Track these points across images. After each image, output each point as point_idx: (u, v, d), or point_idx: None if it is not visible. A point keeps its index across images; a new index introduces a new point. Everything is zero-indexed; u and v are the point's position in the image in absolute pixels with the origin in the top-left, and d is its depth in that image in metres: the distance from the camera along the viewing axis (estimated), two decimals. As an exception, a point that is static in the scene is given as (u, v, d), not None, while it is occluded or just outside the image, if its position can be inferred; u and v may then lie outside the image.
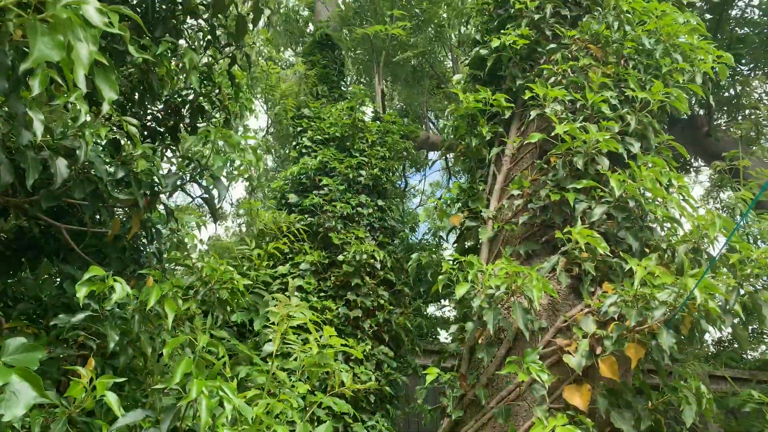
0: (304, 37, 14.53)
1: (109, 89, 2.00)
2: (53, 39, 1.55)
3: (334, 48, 11.77)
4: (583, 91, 4.76)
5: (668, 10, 4.93)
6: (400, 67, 13.46)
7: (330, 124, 9.14)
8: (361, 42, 12.48)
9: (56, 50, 1.55)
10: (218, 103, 6.00)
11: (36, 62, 1.49)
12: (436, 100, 14.42)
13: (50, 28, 1.59)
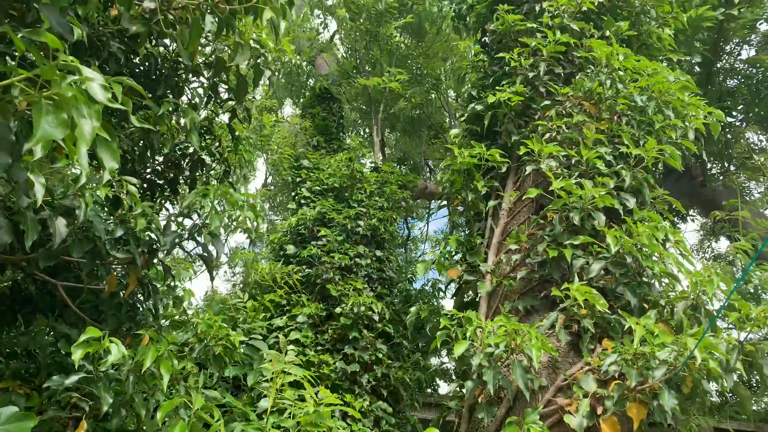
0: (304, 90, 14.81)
1: (110, 158, 2.03)
2: (57, 117, 1.59)
3: (333, 101, 12.00)
4: (577, 147, 4.83)
5: (658, 68, 5.05)
6: (397, 118, 13.68)
7: (329, 174, 9.23)
8: (360, 94, 12.73)
9: (60, 128, 1.58)
10: (218, 156, 6.07)
11: (39, 141, 1.52)
12: (433, 149, 14.60)
13: (55, 106, 1.63)
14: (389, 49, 12.22)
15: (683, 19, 6.28)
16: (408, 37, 12.81)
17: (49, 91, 1.68)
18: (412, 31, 12.62)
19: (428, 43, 12.54)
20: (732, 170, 10.22)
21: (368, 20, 11.40)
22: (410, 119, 13.91)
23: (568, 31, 5.66)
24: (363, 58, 12.65)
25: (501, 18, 6.01)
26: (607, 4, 6.15)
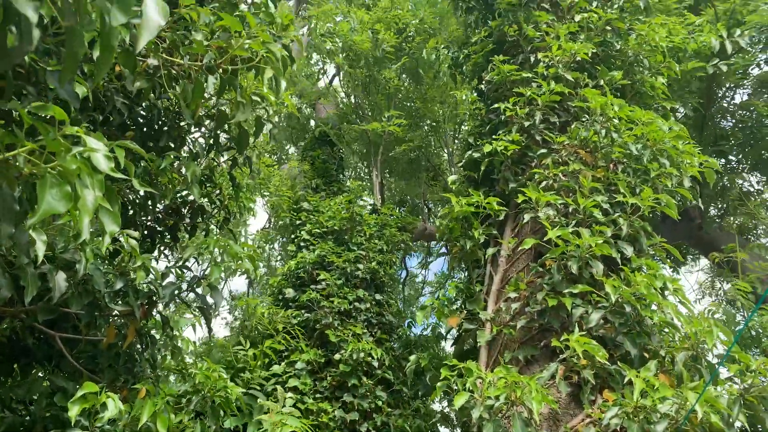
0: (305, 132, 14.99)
1: (111, 222, 2.06)
2: (61, 190, 1.63)
3: (333, 144, 12.15)
4: (574, 195, 4.88)
5: (652, 117, 5.15)
6: (397, 160, 13.81)
7: (329, 217, 9.27)
8: (360, 137, 12.90)
9: (63, 201, 1.62)
10: (218, 203, 6.12)
11: (43, 216, 1.55)
12: (433, 191, 14.69)
13: (58, 178, 1.67)
14: (388, 93, 12.44)
15: (676, 69, 6.41)
16: (406, 80, 13.05)
17: (54, 163, 1.72)
18: (410, 75, 12.86)
19: (426, 86, 12.76)
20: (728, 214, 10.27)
21: (366, 66, 11.63)
22: (409, 161, 14.05)
23: (562, 81, 5.78)
24: (362, 101, 12.86)
25: (496, 68, 6.15)
26: (601, 54, 6.30)
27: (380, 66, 11.77)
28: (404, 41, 12.01)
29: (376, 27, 11.33)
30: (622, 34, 6.38)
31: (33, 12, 1.25)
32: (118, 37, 1.54)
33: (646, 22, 6.71)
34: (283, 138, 14.91)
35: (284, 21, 3.66)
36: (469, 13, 7.87)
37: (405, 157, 13.49)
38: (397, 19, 11.89)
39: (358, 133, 12.38)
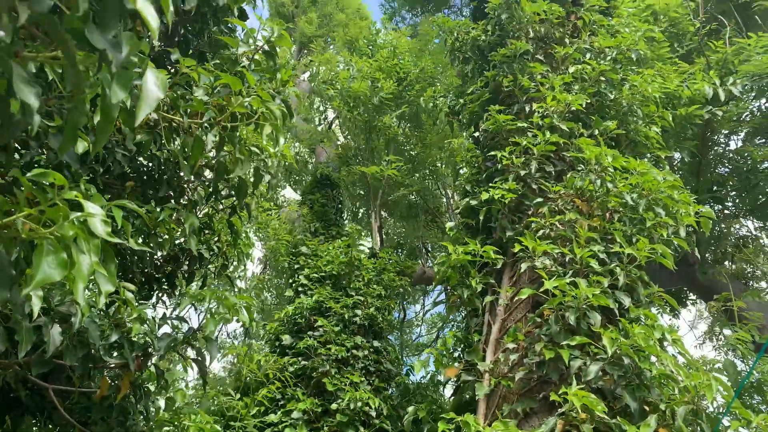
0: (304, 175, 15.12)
1: (107, 282, 2.07)
2: (57, 257, 1.64)
3: (332, 187, 12.23)
4: (571, 245, 4.89)
5: (646, 168, 5.21)
6: (396, 204, 13.89)
7: (327, 261, 9.27)
8: (359, 180, 13.01)
9: (59, 269, 1.63)
10: (217, 250, 6.14)
11: (38, 285, 1.57)
12: (431, 234, 14.72)
13: (55, 245, 1.69)
14: (387, 138, 12.60)
15: (669, 119, 6.52)
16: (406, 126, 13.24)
17: (51, 228, 1.74)
18: (409, 120, 13.06)
19: (425, 132, 12.94)
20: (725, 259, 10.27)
21: (366, 112, 11.81)
22: (408, 204, 14.13)
23: (557, 131, 5.87)
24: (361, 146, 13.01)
25: (492, 117, 6.25)
26: (595, 104, 6.42)
27: (379, 112, 11.96)
28: (404, 89, 12.24)
29: (376, 75, 11.56)
30: (615, 84, 6.51)
31: (35, 99, 1.29)
32: (118, 107, 1.59)
33: (639, 72, 6.86)
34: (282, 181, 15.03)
35: (284, 77, 3.75)
36: (466, 64, 8.04)
37: (404, 200, 13.58)
38: (398, 68, 12.14)
39: (357, 177, 12.49)
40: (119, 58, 1.40)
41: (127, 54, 1.42)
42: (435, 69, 12.77)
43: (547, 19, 7.02)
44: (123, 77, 1.43)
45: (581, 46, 6.83)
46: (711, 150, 10.53)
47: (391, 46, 12.55)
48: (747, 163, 10.39)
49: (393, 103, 11.99)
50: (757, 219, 11.07)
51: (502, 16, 7.00)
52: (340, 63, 12.41)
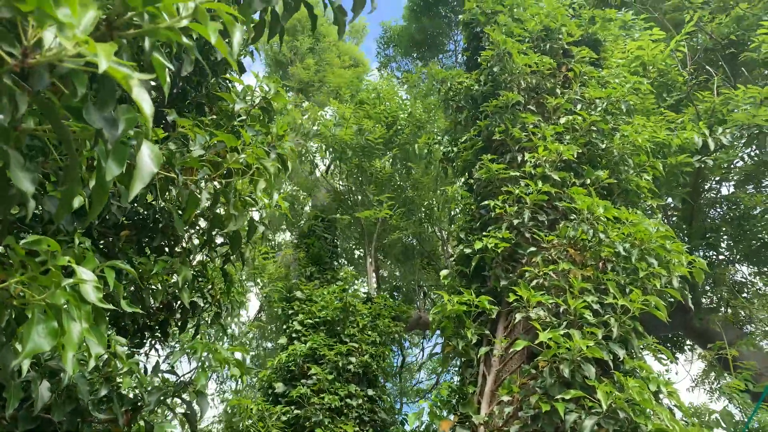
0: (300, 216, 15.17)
1: (97, 345, 2.06)
2: (47, 326, 1.65)
3: (328, 230, 12.26)
4: (565, 295, 4.90)
5: (637, 219, 5.26)
6: (391, 246, 13.91)
7: (321, 307, 9.22)
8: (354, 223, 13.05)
9: (49, 338, 1.64)
10: (210, 299, 6.11)
11: (28, 356, 1.57)
12: (428, 277, 14.69)
13: (46, 312, 1.69)
14: (379, 182, 12.71)
15: (660, 168, 6.61)
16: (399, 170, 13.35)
17: (43, 295, 1.76)
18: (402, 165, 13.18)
19: (418, 176, 13.06)
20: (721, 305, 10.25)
21: (355, 156, 11.93)
22: (403, 247, 14.14)
23: (549, 181, 5.95)
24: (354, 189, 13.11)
25: (485, 166, 6.33)
26: (586, 153, 6.51)
27: (369, 157, 12.08)
28: (395, 134, 12.40)
29: (363, 122, 11.73)
30: (606, 134, 6.62)
31: (30, 185, 1.32)
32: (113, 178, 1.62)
33: (629, 122, 6.99)
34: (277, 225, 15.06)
35: (279, 131, 3.82)
36: (459, 112, 8.18)
37: (399, 243, 13.60)
38: (386, 113, 12.32)
39: (352, 219, 12.53)
40: (115, 135, 1.44)
41: (123, 131, 1.46)
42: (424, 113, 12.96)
43: (538, 70, 7.18)
44: (119, 153, 1.47)
45: (572, 96, 6.98)
46: (703, 196, 10.65)
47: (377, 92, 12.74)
48: (739, 209, 10.49)
49: (383, 147, 12.12)
50: (752, 264, 11.11)
51: (494, 68, 7.16)
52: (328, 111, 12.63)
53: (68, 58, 1.17)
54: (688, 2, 10.75)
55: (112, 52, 1.14)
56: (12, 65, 1.14)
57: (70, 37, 1.07)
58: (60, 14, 1.07)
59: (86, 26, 1.19)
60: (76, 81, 1.26)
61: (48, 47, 1.19)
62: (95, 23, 1.24)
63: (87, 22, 1.20)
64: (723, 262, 10.71)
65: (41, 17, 1.09)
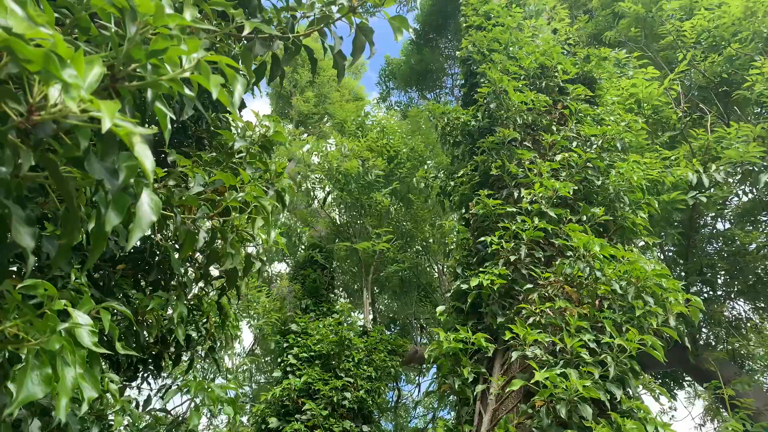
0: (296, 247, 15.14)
1: (91, 389, 2.05)
2: (41, 373, 1.64)
3: (324, 262, 12.23)
4: (561, 333, 4.88)
5: (633, 258, 5.27)
6: (388, 279, 13.87)
7: (316, 340, 9.15)
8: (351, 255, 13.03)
9: (42, 386, 1.63)
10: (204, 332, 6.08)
11: (20, 404, 1.56)
12: (424, 310, 14.62)
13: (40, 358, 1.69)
14: (378, 214, 12.74)
15: (655, 205, 6.66)
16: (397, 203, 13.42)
17: (38, 340, 1.75)
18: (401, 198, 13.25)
19: (416, 209, 13.11)
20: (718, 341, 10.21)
21: (357, 189, 12.00)
22: (400, 280, 14.11)
23: (546, 217, 5.98)
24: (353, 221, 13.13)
25: (482, 202, 6.37)
26: (582, 190, 6.56)
27: (370, 189, 12.15)
28: (395, 167, 12.50)
29: (366, 155, 11.83)
30: (602, 171, 6.68)
31: (30, 240, 1.34)
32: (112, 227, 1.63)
33: (624, 159, 7.06)
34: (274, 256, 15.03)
35: (278, 169, 3.86)
36: (456, 147, 8.26)
37: (396, 276, 13.57)
38: (388, 147, 12.45)
39: (349, 252, 12.52)
40: (116, 185, 1.46)
41: (124, 180, 1.48)
42: (425, 148, 13.10)
43: (534, 107, 7.28)
44: (119, 202, 1.49)
45: (568, 134, 7.06)
46: (699, 232, 10.69)
47: (380, 127, 12.91)
48: (735, 245, 10.52)
49: (384, 180, 12.21)
50: (748, 300, 11.10)
51: (490, 105, 7.26)
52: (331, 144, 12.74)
53: (72, 114, 1.19)
54: (680, 41, 10.97)
55: (116, 110, 1.17)
56: (17, 122, 1.17)
57: (76, 97, 1.10)
58: (66, 75, 1.10)
59: (91, 83, 1.22)
60: (79, 134, 1.28)
61: (53, 103, 1.21)
62: (100, 79, 1.26)
63: (92, 80, 1.23)
64: (720, 298, 10.70)
65: (47, 77, 1.12)
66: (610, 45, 12.75)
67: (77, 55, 1.15)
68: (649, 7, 11.95)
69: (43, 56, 1.08)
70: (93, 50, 1.72)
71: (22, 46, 1.07)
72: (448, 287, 10.56)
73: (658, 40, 11.82)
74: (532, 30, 9.62)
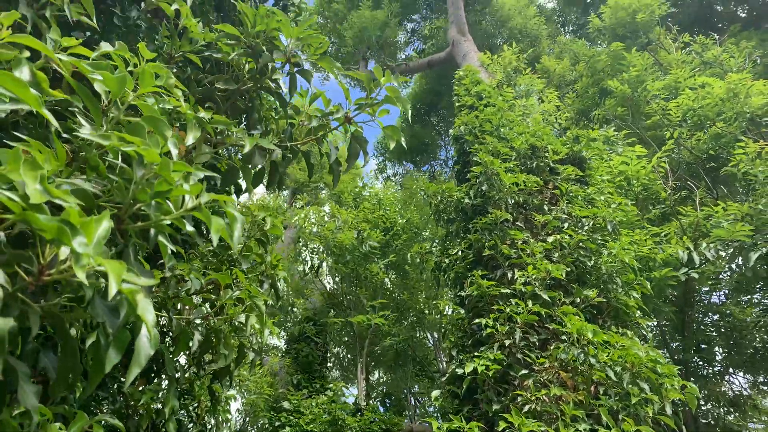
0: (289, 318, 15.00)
1: None
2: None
3: (318, 335, 12.11)
4: (557, 423, 4.82)
5: (627, 344, 5.28)
6: (383, 352, 13.69)
7: (309, 420, 8.95)
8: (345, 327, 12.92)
9: None
10: (195, 416, 5.98)
11: None
12: (420, 384, 14.37)
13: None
14: (374, 286, 12.72)
15: (648, 286, 6.71)
16: (392, 274, 13.42)
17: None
18: (396, 269, 13.26)
19: (411, 281, 13.10)
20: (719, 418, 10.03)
21: (353, 261, 12.03)
22: (395, 352, 13.93)
23: (539, 300, 6.01)
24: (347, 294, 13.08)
25: (476, 283, 6.41)
26: (575, 270, 6.62)
27: (366, 261, 12.19)
28: (391, 238, 12.59)
29: (362, 226, 11.94)
30: (594, 251, 6.77)
31: (34, 400, 1.37)
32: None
33: (616, 239, 7.16)
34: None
35: (273, 261, 3.91)
36: (450, 224, 8.38)
37: (391, 349, 13.40)
38: (384, 218, 12.59)
39: (343, 323, 12.42)
40: (116, 323, 1.50)
41: (124, 318, 1.53)
42: (420, 219, 13.24)
43: (525, 188, 7.45)
44: (119, 341, 1.53)
45: (559, 214, 7.19)
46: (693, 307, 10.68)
47: (376, 198, 13.11)
48: (731, 319, 10.50)
49: (380, 251, 12.26)
50: (746, 373, 10.98)
51: (482, 186, 7.42)
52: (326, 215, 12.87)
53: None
54: (666, 120, 11.34)
55: (123, 272, 1.23)
56: (28, 282, 1.23)
57: (85, 265, 1.16)
58: (76, 244, 1.17)
59: (99, 239, 1.29)
60: (86, 288, 1.34)
61: (62, 263, 1.28)
62: (108, 234, 1.33)
63: (101, 235, 1.29)
64: (717, 374, 10.59)
65: (59, 243, 1.19)
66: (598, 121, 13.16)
67: (88, 222, 1.22)
68: (635, 86, 12.40)
69: (57, 229, 1.15)
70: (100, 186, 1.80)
71: (38, 219, 1.15)
72: (445, 368, 10.44)
73: (645, 118, 12.21)
74: (523, 109, 9.96)
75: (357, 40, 17.10)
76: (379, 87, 2.87)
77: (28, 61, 1.41)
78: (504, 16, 17.71)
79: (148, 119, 1.75)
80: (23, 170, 1.14)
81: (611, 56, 13.42)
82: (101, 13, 2.75)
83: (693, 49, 14.02)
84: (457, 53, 14.83)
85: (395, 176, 18.93)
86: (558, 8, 21.93)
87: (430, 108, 18.34)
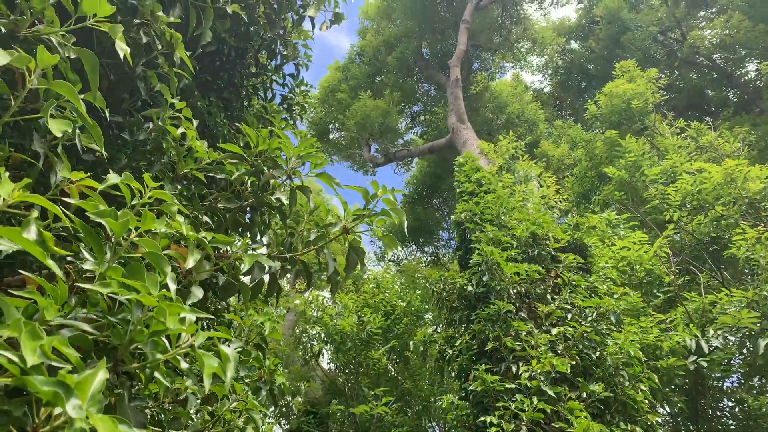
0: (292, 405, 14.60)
1: None
2: None
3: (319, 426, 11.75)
4: None
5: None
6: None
7: None
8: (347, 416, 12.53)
9: None
10: None
11: None
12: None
13: None
14: (376, 373, 12.45)
15: (655, 379, 6.57)
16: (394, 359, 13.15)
17: None
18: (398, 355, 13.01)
19: (415, 367, 12.82)
20: None
21: (354, 348, 11.84)
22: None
23: (545, 396, 5.88)
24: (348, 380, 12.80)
25: (480, 378, 6.29)
26: (580, 363, 6.51)
27: (367, 347, 12.00)
28: (392, 323, 12.45)
29: (363, 311, 11.85)
30: (599, 344, 6.68)
31: None
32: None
33: (621, 330, 7.08)
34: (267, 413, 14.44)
35: (271, 366, 3.89)
36: (453, 312, 8.32)
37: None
38: (384, 302, 12.50)
39: (344, 414, 12.06)
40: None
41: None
42: (421, 304, 13.13)
43: (527, 277, 7.44)
44: None
45: (562, 305, 7.15)
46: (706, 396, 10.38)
47: (376, 282, 13.06)
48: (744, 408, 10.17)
49: (381, 337, 12.09)
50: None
51: (483, 277, 7.43)
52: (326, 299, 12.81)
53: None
54: (666, 204, 11.46)
55: (115, 429, 1.25)
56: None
57: (78, 429, 1.18)
58: (70, 407, 1.19)
59: (94, 394, 1.31)
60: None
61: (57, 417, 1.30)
62: (103, 385, 1.36)
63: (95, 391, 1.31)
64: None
65: (53, 405, 1.21)
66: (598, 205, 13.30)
67: (83, 381, 1.25)
68: (633, 171, 12.62)
69: (52, 393, 1.18)
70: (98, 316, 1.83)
71: (34, 384, 1.18)
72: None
73: (645, 203, 12.35)
74: (523, 194, 10.12)
75: (360, 126, 17.65)
76: (376, 198, 2.97)
77: (37, 220, 1.49)
78: (502, 102, 18.33)
79: (149, 255, 1.82)
80: (23, 339, 1.18)
81: (607, 143, 13.76)
82: (109, 137, 2.89)
83: (688, 134, 14.38)
84: (457, 140, 15.26)
85: (396, 260, 18.98)
86: (554, 93, 22.72)
87: (432, 190, 18.65)
